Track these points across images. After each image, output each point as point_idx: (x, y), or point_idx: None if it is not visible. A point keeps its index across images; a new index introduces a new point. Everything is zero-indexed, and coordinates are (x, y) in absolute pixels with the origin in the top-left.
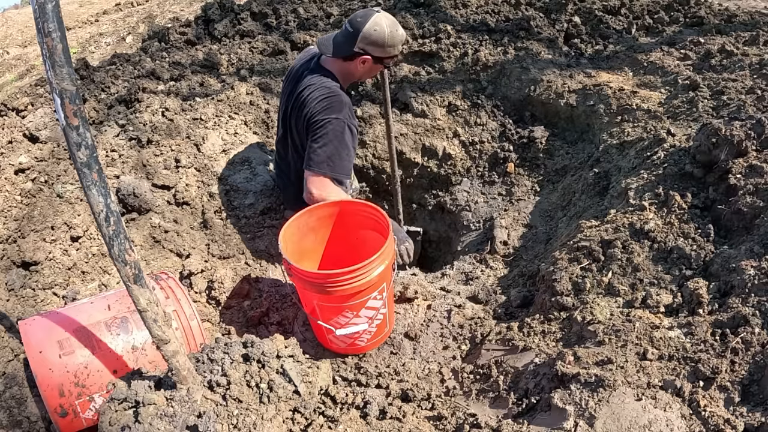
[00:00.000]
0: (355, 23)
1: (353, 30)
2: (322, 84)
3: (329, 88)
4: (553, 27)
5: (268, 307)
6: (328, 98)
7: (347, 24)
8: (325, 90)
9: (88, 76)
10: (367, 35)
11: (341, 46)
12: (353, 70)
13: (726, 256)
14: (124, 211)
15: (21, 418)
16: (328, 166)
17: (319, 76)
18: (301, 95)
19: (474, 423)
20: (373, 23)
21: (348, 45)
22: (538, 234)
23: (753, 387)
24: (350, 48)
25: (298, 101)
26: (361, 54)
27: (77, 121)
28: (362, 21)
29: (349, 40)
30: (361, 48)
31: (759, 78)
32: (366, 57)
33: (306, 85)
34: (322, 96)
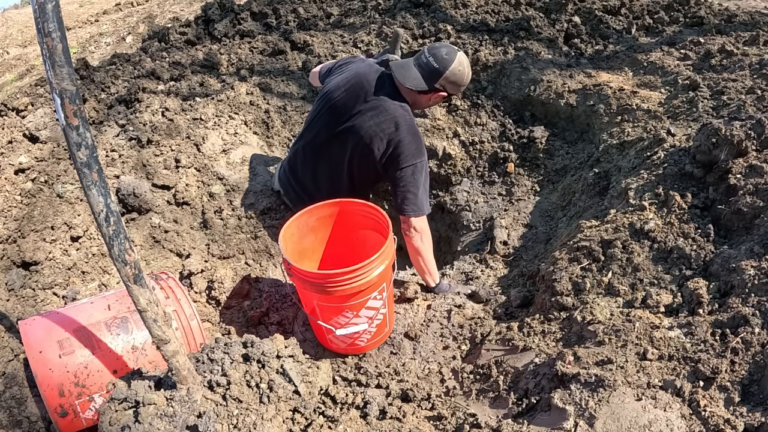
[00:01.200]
0: (441, 60)
1: (439, 67)
2: (407, 118)
3: (414, 126)
4: (553, 27)
5: (268, 307)
6: (416, 138)
7: (431, 58)
8: (413, 128)
9: (88, 76)
10: (451, 75)
11: (423, 80)
12: (424, 102)
13: (726, 256)
14: (124, 211)
15: (21, 418)
16: (427, 207)
17: (400, 105)
18: (384, 121)
19: (474, 423)
20: (458, 63)
21: (431, 81)
22: (538, 234)
23: (753, 387)
24: (432, 84)
25: (380, 125)
26: (438, 90)
27: (77, 121)
28: (448, 59)
29: (432, 76)
30: (441, 85)
31: (759, 78)
32: (442, 93)
33: (392, 114)
34: (412, 134)
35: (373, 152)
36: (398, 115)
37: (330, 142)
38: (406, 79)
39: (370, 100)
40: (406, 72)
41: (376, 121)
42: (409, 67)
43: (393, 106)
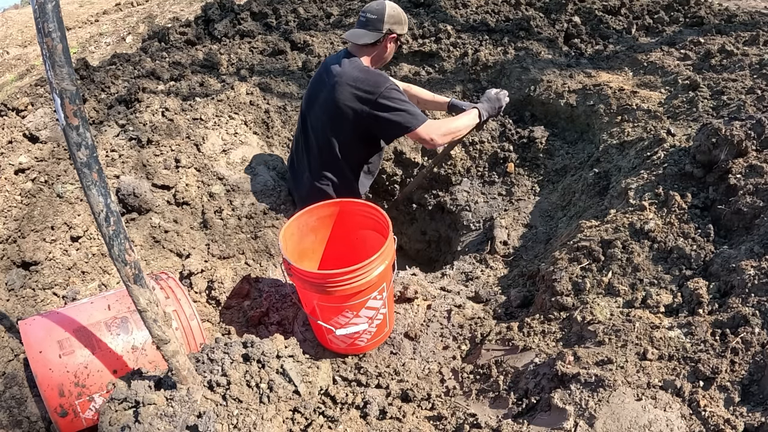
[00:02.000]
0: (374, 10)
1: (376, 15)
2: (353, 72)
3: (362, 68)
4: (553, 27)
5: (268, 307)
6: (370, 76)
7: (366, 14)
8: (363, 73)
9: (88, 76)
10: (389, 17)
11: (370, 32)
12: (383, 52)
13: (726, 256)
14: (124, 211)
15: (21, 418)
16: (422, 116)
17: (349, 62)
18: (341, 87)
19: (474, 423)
20: (390, 6)
21: (376, 28)
22: (538, 234)
23: (753, 387)
24: (379, 29)
25: (339, 94)
26: (389, 34)
27: (77, 121)
28: (380, 6)
29: (376, 23)
30: (387, 28)
31: (759, 78)
32: (393, 35)
33: (344, 77)
34: (364, 78)
35: (348, 116)
36: (346, 73)
37: (305, 136)
38: (357, 38)
39: (328, 76)
40: (354, 35)
41: (339, 91)
42: (355, 30)
43: (342, 70)
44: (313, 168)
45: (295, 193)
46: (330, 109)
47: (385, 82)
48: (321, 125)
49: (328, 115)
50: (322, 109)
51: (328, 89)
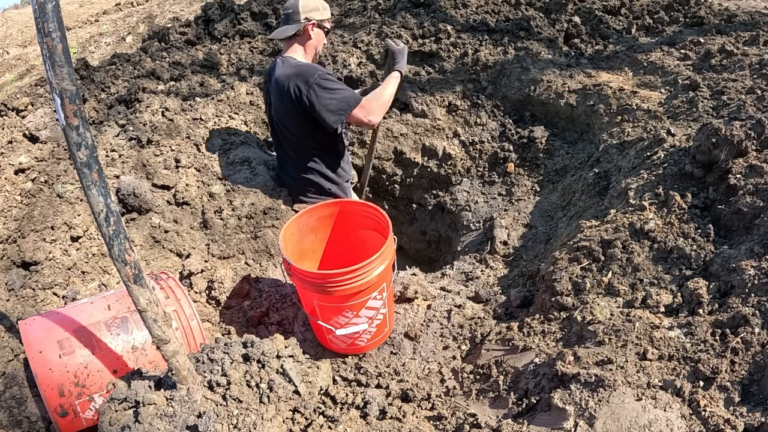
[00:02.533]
0: (289, 5)
1: (291, 9)
2: (282, 69)
3: (292, 64)
4: (553, 27)
5: (268, 307)
6: (299, 70)
7: (284, 11)
8: (291, 68)
9: (88, 76)
10: (304, 5)
11: (289, 25)
12: (308, 43)
13: (726, 256)
14: (124, 211)
15: (21, 418)
16: (353, 98)
17: (281, 60)
18: (280, 86)
19: (474, 423)
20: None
21: (295, 20)
22: (538, 234)
23: (753, 387)
24: (297, 20)
25: (281, 93)
26: (307, 22)
27: (77, 121)
28: (294, 1)
29: (293, 15)
30: (305, 17)
31: (759, 78)
32: (312, 23)
33: (279, 75)
34: (294, 73)
35: (297, 111)
36: (283, 73)
37: (277, 137)
38: (281, 34)
39: (272, 80)
40: (278, 32)
41: (282, 91)
42: (279, 28)
43: (280, 71)
44: (295, 164)
45: (289, 191)
46: (282, 109)
47: (315, 71)
48: (282, 125)
49: (282, 115)
50: (277, 110)
51: (275, 92)
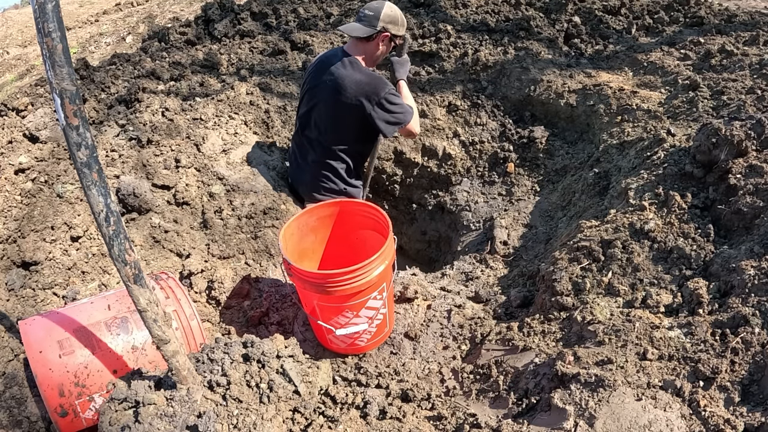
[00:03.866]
0: (373, 8)
1: (373, 12)
2: (353, 74)
3: (363, 71)
4: (553, 27)
5: (268, 307)
6: (371, 79)
7: (365, 10)
8: (364, 76)
9: (88, 76)
10: (386, 16)
11: (365, 27)
12: (374, 48)
13: (726, 256)
14: (124, 211)
15: (21, 418)
16: (406, 119)
17: (349, 62)
18: (340, 85)
19: (474, 423)
20: (388, 6)
21: (371, 24)
22: (538, 234)
23: (753, 387)
24: (374, 26)
25: (338, 91)
26: (382, 32)
27: (77, 121)
28: (379, 5)
29: (371, 20)
30: (382, 26)
31: (759, 78)
32: (386, 34)
33: (343, 76)
34: (365, 80)
35: (352, 115)
36: (349, 76)
37: (303, 130)
38: (351, 30)
39: (331, 76)
40: (350, 27)
41: (343, 92)
42: (352, 24)
43: (345, 72)
44: (318, 160)
45: (300, 186)
46: (329, 106)
47: (385, 86)
48: (321, 119)
49: (327, 111)
50: (326, 106)
51: (331, 89)
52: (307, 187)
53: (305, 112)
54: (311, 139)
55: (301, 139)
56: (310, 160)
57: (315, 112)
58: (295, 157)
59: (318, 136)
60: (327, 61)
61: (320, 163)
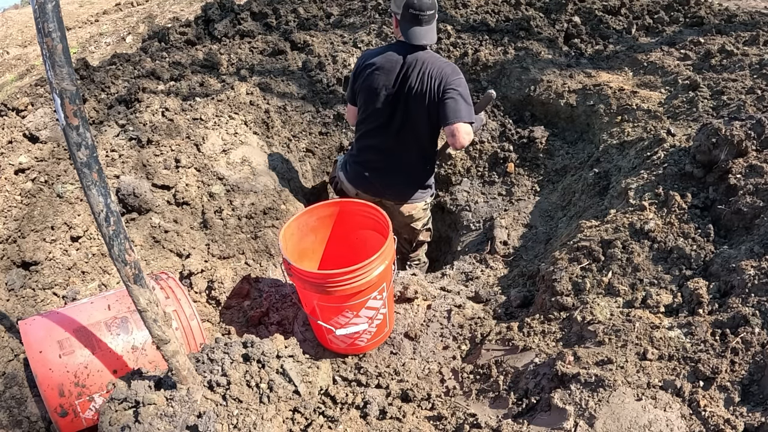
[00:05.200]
0: (430, 3)
1: (433, 9)
2: (439, 60)
3: (443, 60)
4: (553, 27)
5: (268, 307)
6: (450, 66)
7: (426, 12)
8: (444, 62)
9: (88, 76)
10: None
11: (433, 28)
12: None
13: (726, 256)
14: (124, 211)
15: (21, 418)
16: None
17: (432, 57)
18: (430, 75)
19: (474, 423)
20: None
21: (435, 21)
22: (538, 234)
23: (753, 387)
24: (436, 21)
25: (431, 80)
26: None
27: (77, 121)
28: (431, 1)
29: (434, 16)
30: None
31: (759, 78)
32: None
33: (427, 64)
34: (445, 64)
35: (427, 94)
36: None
37: (395, 124)
38: (432, 39)
39: (413, 69)
40: (431, 36)
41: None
42: (423, 31)
43: (431, 60)
44: (418, 159)
45: (389, 191)
46: (426, 97)
47: (460, 72)
48: (416, 114)
49: (423, 103)
50: (417, 97)
51: (421, 79)
52: (401, 189)
53: (384, 109)
54: (403, 138)
55: (386, 140)
56: (402, 162)
57: (408, 108)
58: (382, 161)
59: (410, 132)
60: (401, 57)
61: (419, 162)
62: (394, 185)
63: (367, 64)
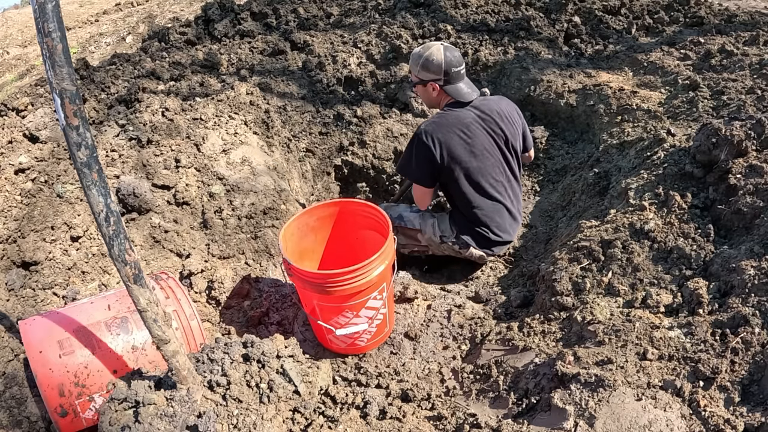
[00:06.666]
0: (461, 59)
1: (463, 61)
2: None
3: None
4: (553, 27)
5: (268, 307)
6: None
7: (460, 67)
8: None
9: (88, 76)
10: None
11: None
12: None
13: (726, 256)
14: (124, 211)
15: (21, 418)
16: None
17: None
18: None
19: (474, 423)
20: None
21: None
22: (538, 234)
23: (753, 387)
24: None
25: (511, 118)
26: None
27: (77, 121)
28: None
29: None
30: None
31: (759, 78)
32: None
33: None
34: (509, 103)
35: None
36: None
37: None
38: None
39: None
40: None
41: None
42: (471, 84)
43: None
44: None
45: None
46: (516, 136)
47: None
48: (516, 155)
49: (516, 141)
50: (512, 138)
51: (506, 122)
52: (517, 227)
53: (501, 158)
54: (515, 178)
55: (507, 184)
56: (519, 200)
57: (514, 151)
58: (513, 203)
59: (516, 170)
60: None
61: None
62: None
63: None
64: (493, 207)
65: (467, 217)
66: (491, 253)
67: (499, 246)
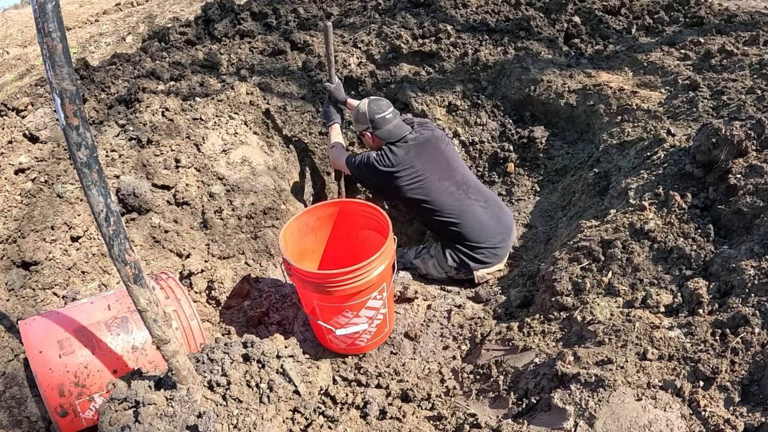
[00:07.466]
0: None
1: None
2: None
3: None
4: (553, 27)
5: (268, 307)
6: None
7: (393, 109)
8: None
9: (88, 76)
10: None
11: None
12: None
13: (726, 256)
14: (124, 211)
15: (21, 418)
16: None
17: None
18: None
19: (474, 423)
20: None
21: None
22: (538, 234)
23: (753, 387)
24: None
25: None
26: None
27: (77, 121)
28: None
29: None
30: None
31: (759, 78)
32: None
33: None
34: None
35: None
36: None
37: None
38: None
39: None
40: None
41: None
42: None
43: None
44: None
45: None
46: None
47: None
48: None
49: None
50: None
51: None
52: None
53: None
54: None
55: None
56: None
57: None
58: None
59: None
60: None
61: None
62: None
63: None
64: (464, 212)
65: (453, 239)
66: (499, 258)
67: (499, 248)
